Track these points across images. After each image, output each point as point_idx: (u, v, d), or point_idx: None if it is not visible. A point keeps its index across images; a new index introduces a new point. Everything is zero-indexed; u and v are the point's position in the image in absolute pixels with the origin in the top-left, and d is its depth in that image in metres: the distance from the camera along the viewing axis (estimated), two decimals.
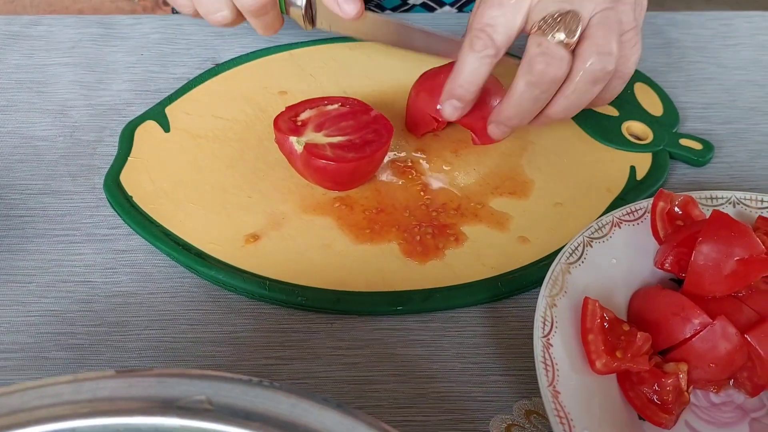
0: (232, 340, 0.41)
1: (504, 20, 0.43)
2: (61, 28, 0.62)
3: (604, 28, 0.43)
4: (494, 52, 0.44)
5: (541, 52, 0.42)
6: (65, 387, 0.27)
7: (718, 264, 0.37)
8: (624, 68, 0.46)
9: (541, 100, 0.45)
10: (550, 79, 0.43)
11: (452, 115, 0.47)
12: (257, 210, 0.47)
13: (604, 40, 0.43)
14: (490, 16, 0.43)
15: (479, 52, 0.44)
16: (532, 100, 0.44)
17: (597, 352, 0.37)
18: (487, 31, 0.43)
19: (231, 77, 0.57)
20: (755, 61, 0.62)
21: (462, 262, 0.44)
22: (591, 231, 0.41)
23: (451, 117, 0.48)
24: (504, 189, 0.49)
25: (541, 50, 0.42)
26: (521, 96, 0.44)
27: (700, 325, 0.36)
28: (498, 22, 0.43)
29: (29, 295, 0.43)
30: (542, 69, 0.42)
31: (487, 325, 0.42)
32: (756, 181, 0.51)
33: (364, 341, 0.41)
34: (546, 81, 0.43)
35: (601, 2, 0.44)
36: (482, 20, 0.44)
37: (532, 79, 0.43)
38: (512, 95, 0.45)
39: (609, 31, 0.43)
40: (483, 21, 0.44)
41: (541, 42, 0.43)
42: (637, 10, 0.46)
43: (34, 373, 0.39)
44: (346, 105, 0.49)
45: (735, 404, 0.38)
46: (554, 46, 0.42)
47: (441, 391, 0.39)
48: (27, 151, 0.51)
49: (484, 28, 0.43)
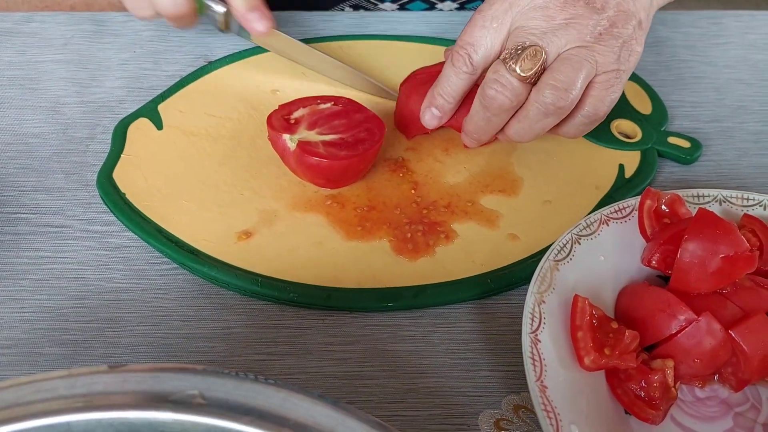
0: (225, 336, 0.41)
1: (484, 42, 0.45)
2: (54, 25, 0.62)
3: (568, 64, 0.43)
4: (470, 70, 0.46)
5: (494, 79, 0.44)
6: (60, 382, 0.28)
7: (704, 261, 0.38)
8: (592, 109, 0.46)
9: (494, 122, 0.46)
10: (498, 106, 0.45)
11: (430, 123, 0.49)
12: (249, 207, 0.47)
13: (564, 76, 0.43)
14: (472, 36, 0.46)
15: (457, 68, 0.46)
16: (485, 121, 0.46)
17: (586, 349, 0.37)
18: (467, 49, 0.46)
19: (223, 75, 0.57)
20: (744, 59, 0.63)
21: (452, 259, 0.45)
22: (579, 228, 0.42)
23: (430, 124, 0.49)
24: (494, 187, 0.49)
25: (495, 77, 0.44)
26: (476, 115, 0.47)
27: (685, 321, 0.37)
28: (478, 42, 0.45)
29: (22, 292, 0.43)
30: (492, 95, 0.44)
31: (476, 321, 0.43)
32: (743, 179, 0.52)
33: (355, 337, 0.41)
34: (494, 107, 0.45)
35: (576, 40, 0.44)
36: (465, 38, 0.46)
37: (484, 103, 0.45)
38: (471, 113, 0.47)
39: (573, 69, 0.43)
40: (465, 39, 0.46)
41: (497, 69, 0.44)
42: (624, 54, 0.45)
43: (28, 369, 0.39)
44: (338, 104, 0.49)
45: (719, 399, 0.39)
46: (508, 76, 0.44)
47: (431, 386, 0.39)
48: (20, 148, 0.52)
49: (465, 46, 0.46)
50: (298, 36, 0.61)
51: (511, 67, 0.43)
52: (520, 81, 0.43)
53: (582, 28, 0.44)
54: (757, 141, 0.55)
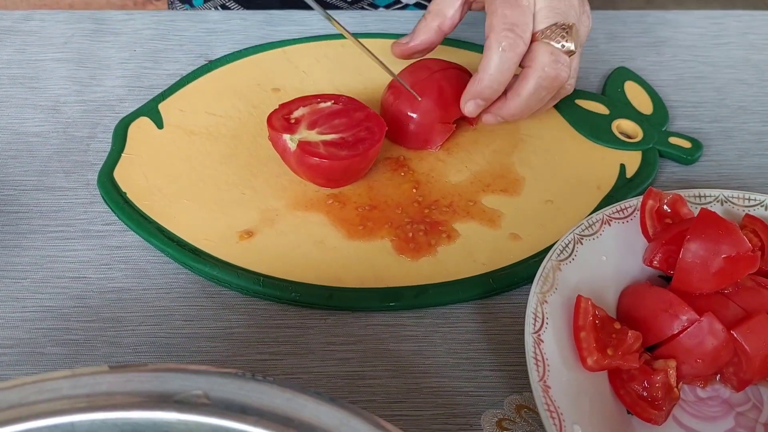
0: (227, 335, 0.41)
1: (525, 19, 0.46)
2: (54, 23, 0.62)
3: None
4: (523, 49, 0.46)
5: (554, 60, 0.46)
6: (63, 382, 0.28)
7: (706, 261, 0.38)
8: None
9: (544, 101, 0.49)
10: (558, 84, 0.47)
11: (474, 112, 0.49)
12: (251, 206, 0.47)
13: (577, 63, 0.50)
14: (512, 16, 0.46)
15: (509, 51, 0.46)
16: (539, 101, 0.49)
17: (588, 349, 0.37)
18: (516, 30, 0.46)
19: (224, 74, 0.57)
20: (745, 60, 0.63)
21: (454, 259, 0.45)
22: (581, 228, 0.42)
23: (473, 114, 0.49)
24: (495, 186, 0.49)
25: (554, 58, 0.46)
26: (531, 97, 0.48)
27: (687, 321, 0.37)
28: (521, 21, 0.46)
29: (24, 291, 0.43)
30: (554, 75, 0.47)
31: (478, 321, 0.43)
32: (744, 179, 0.52)
33: (357, 337, 0.41)
34: (555, 86, 0.47)
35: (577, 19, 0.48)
36: (507, 20, 0.46)
37: (543, 83, 0.47)
38: (521, 95, 0.48)
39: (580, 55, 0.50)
40: (508, 20, 0.46)
41: (551, 50, 0.46)
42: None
43: (30, 369, 0.39)
44: (339, 103, 0.49)
45: (721, 399, 0.39)
46: (561, 54, 0.47)
47: (433, 386, 0.39)
48: (20, 147, 0.51)
49: (511, 27, 0.46)
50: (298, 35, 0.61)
51: (564, 46, 0.47)
52: (570, 57, 0.47)
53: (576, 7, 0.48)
54: (758, 141, 0.55)
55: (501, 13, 0.46)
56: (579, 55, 0.50)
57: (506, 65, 0.46)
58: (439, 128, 0.51)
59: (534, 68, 0.47)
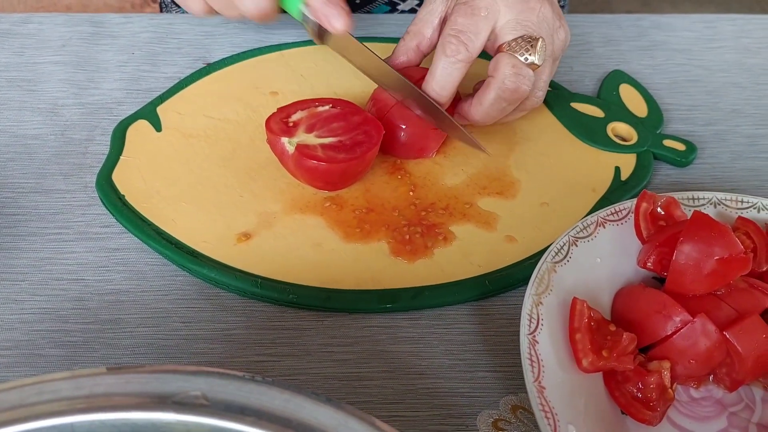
0: (224, 337, 0.41)
1: (475, 28, 0.46)
2: (52, 26, 0.62)
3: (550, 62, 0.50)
4: (466, 57, 0.47)
5: (515, 72, 0.47)
6: (63, 383, 0.28)
7: (699, 263, 0.38)
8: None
9: (507, 110, 0.49)
10: (519, 97, 0.48)
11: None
12: (249, 209, 0.47)
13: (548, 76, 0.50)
14: (462, 24, 0.46)
15: (451, 56, 0.46)
16: (500, 111, 0.49)
17: (584, 351, 0.38)
18: (460, 37, 0.46)
19: (222, 77, 0.57)
20: (738, 63, 0.63)
21: (450, 261, 0.45)
22: (576, 230, 0.42)
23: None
24: (491, 189, 0.50)
25: (515, 71, 0.47)
26: (491, 106, 0.48)
27: (680, 322, 0.37)
28: (469, 29, 0.46)
29: (22, 293, 0.43)
30: (514, 88, 0.47)
31: (474, 322, 0.43)
32: (737, 181, 0.53)
33: (354, 338, 0.42)
34: (515, 98, 0.48)
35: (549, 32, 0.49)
36: (455, 27, 0.46)
37: (504, 95, 0.47)
38: (482, 104, 0.48)
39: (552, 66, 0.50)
40: (456, 27, 0.46)
41: (513, 62, 0.47)
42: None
43: (28, 371, 0.39)
44: (337, 106, 0.50)
45: (714, 399, 0.39)
46: (524, 67, 0.47)
47: (429, 387, 0.40)
48: (18, 149, 0.52)
49: (457, 34, 0.46)
50: (296, 38, 0.61)
51: (527, 59, 0.47)
52: (533, 70, 0.48)
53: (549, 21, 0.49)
54: (751, 144, 0.56)
55: (452, 20, 0.47)
56: (551, 69, 0.50)
57: (448, 70, 0.47)
58: (432, 135, 0.51)
59: (495, 78, 0.47)
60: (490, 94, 0.47)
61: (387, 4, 0.70)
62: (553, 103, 0.56)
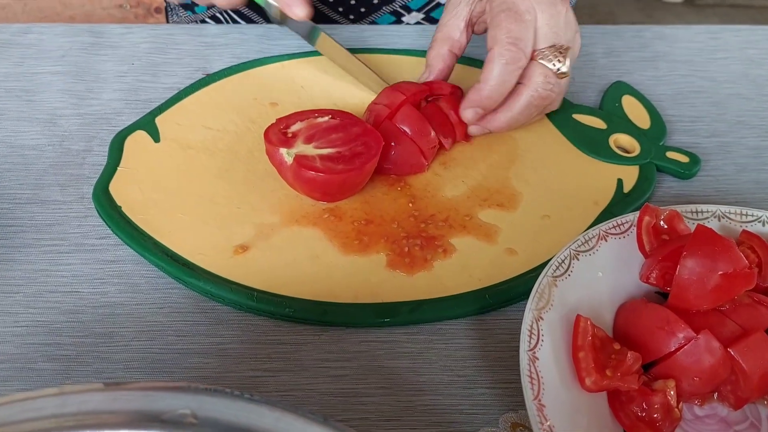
0: (219, 351, 0.41)
1: (527, 35, 0.48)
2: (52, 36, 0.62)
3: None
4: (524, 64, 0.48)
5: (546, 81, 0.49)
6: (50, 400, 0.27)
7: (702, 278, 0.37)
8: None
9: (533, 117, 0.52)
10: (548, 103, 0.50)
11: (473, 120, 0.51)
12: (246, 221, 0.47)
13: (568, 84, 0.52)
14: (515, 31, 0.47)
15: (512, 64, 0.47)
16: (527, 117, 0.51)
17: (587, 370, 0.37)
18: (518, 44, 0.47)
19: (222, 88, 0.57)
20: (743, 74, 0.63)
21: (450, 274, 0.44)
22: (577, 244, 0.42)
23: (472, 121, 0.51)
24: (492, 201, 0.49)
25: (546, 80, 0.49)
26: (521, 114, 0.50)
27: (684, 339, 0.37)
28: (523, 36, 0.48)
29: (16, 306, 0.42)
30: (546, 95, 0.49)
31: (474, 337, 0.42)
32: (742, 194, 0.52)
33: (352, 353, 0.41)
34: (545, 105, 0.50)
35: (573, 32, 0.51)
36: (510, 34, 0.47)
37: (534, 102, 0.50)
38: (512, 110, 0.50)
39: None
40: (511, 35, 0.47)
41: (543, 72, 0.49)
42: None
43: (20, 385, 0.39)
44: (336, 117, 0.49)
45: (719, 417, 0.38)
46: (554, 76, 0.49)
47: (428, 403, 0.39)
48: (15, 160, 0.51)
49: (515, 42, 0.47)
50: (296, 49, 0.61)
51: (558, 68, 0.49)
52: (560, 77, 0.49)
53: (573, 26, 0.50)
54: (756, 156, 0.55)
55: (505, 27, 0.47)
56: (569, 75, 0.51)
57: (508, 78, 0.48)
58: (424, 150, 0.50)
59: (527, 86, 0.49)
60: (521, 101, 0.49)
61: (392, 14, 0.70)
62: (555, 114, 0.55)
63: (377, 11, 0.69)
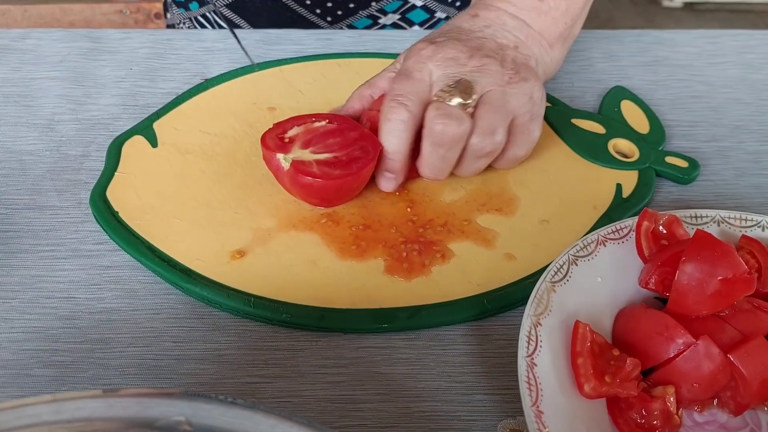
0: (216, 357, 0.40)
1: (413, 89, 0.46)
2: (50, 42, 0.62)
3: (490, 109, 0.46)
4: (408, 117, 0.46)
5: (438, 114, 0.45)
6: (45, 407, 0.27)
7: (702, 284, 0.37)
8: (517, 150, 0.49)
9: (449, 157, 0.47)
10: (450, 139, 0.46)
11: (390, 187, 0.49)
12: (244, 226, 0.47)
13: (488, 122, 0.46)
14: (399, 88, 0.47)
15: (392, 118, 0.46)
16: (440, 159, 0.47)
17: (586, 376, 0.37)
18: (399, 99, 0.46)
19: (220, 93, 0.57)
20: (742, 79, 0.62)
21: (448, 279, 0.44)
22: (576, 249, 0.41)
23: (390, 189, 0.49)
24: (491, 206, 0.49)
25: (438, 112, 0.46)
26: (430, 156, 0.47)
27: (683, 344, 0.36)
28: (407, 90, 0.46)
29: (12, 312, 0.42)
30: (441, 130, 0.45)
31: (472, 343, 0.42)
32: (741, 199, 0.52)
33: (349, 359, 0.41)
34: (446, 141, 0.46)
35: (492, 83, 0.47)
36: (394, 92, 0.47)
37: (435, 140, 0.46)
38: (422, 157, 0.47)
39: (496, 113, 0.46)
40: (393, 92, 0.47)
41: (438, 106, 0.46)
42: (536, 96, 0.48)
43: (16, 391, 0.39)
44: (333, 122, 0.49)
45: (718, 423, 0.38)
46: (451, 108, 0.46)
47: (425, 410, 0.39)
48: (13, 165, 0.51)
49: (395, 97, 0.46)
50: (294, 54, 0.61)
51: (451, 100, 0.46)
52: (462, 109, 0.46)
53: (494, 74, 0.47)
54: (755, 161, 0.55)
55: (391, 88, 0.47)
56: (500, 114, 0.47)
57: (394, 132, 0.46)
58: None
59: (425, 127, 0.46)
60: (424, 144, 0.47)
61: (368, 17, 0.70)
62: (554, 119, 0.55)
63: (354, 14, 0.70)
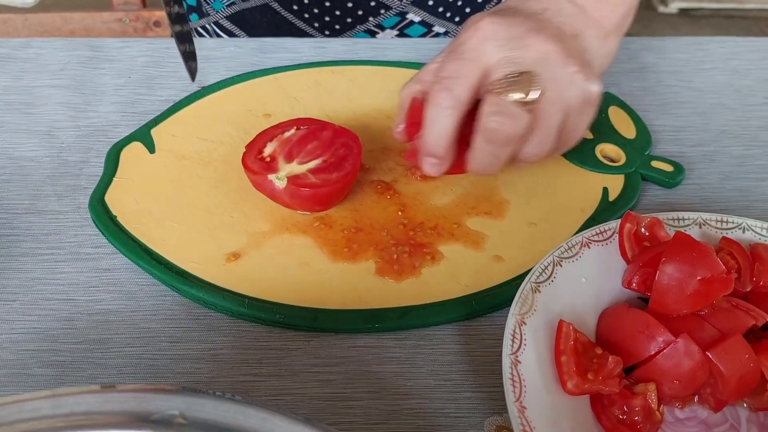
0: (211, 357, 0.42)
1: (461, 72, 0.43)
2: (51, 50, 0.63)
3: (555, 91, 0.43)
4: (454, 103, 0.43)
5: (494, 111, 0.42)
6: (44, 402, 0.28)
7: (681, 284, 0.38)
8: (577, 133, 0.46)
9: (502, 155, 0.45)
10: (504, 138, 0.43)
11: (435, 172, 0.46)
12: (239, 229, 0.48)
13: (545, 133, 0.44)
14: (447, 70, 0.44)
15: (436, 104, 0.43)
16: (492, 156, 0.44)
17: (569, 373, 0.38)
18: (446, 83, 0.43)
19: (216, 100, 0.58)
20: (728, 85, 0.64)
21: (437, 281, 0.45)
22: (561, 251, 0.43)
23: (435, 173, 0.46)
24: (480, 209, 0.50)
25: (495, 109, 0.42)
26: (481, 152, 0.44)
27: (663, 342, 0.38)
28: (454, 73, 0.43)
29: (13, 313, 0.43)
30: (494, 127, 0.43)
31: (461, 342, 0.43)
32: (725, 202, 0.53)
33: (340, 358, 0.42)
34: (500, 139, 0.43)
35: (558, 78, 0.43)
36: (440, 74, 0.44)
37: (488, 137, 0.43)
38: (473, 152, 0.45)
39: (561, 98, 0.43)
40: (441, 74, 0.44)
41: (496, 102, 0.43)
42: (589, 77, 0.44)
43: (16, 390, 0.40)
44: (301, 126, 0.50)
45: (699, 419, 0.39)
46: (509, 105, 0.42)
47: (414, 407, 0.40)
48: (14, 171, 0.53)
49: (440, 80, 0.44)
50: (290, 62, 0.62)
51: (511, 95, 0.42)
52: (521, 107, 0.42)
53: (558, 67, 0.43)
54: (740, 165, 0.56)
55: (440, 67, 0.44)
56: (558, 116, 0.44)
57: (438, 118, 0.44)
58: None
59: (478, 120, 0.43)
60: (476, 140, 0.44)
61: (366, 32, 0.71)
62: None
63: (351, 29, 0.70)
